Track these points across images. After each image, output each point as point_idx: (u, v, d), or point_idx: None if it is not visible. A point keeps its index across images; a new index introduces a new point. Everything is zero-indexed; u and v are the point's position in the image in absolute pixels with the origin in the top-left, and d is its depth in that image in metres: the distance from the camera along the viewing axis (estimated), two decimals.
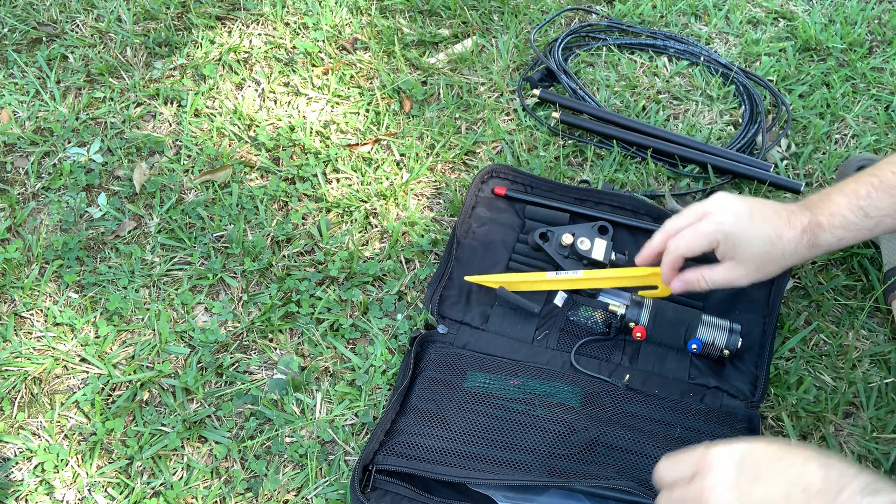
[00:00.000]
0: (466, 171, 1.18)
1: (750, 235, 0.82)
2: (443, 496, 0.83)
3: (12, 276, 1.07)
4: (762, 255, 0.82)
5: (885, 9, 1.39)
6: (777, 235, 0.81)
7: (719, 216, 0.83)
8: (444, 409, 0.88)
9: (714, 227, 0.83)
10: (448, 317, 1.01)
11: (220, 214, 1.13)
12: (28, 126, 1.24)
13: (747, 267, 0.84)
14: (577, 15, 1.40)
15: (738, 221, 0.82)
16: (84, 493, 0.90)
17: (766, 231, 0.82)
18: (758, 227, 0.82)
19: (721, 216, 0.83)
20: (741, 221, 0.82)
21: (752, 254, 0.83)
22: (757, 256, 0.83)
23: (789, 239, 0.82)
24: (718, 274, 0.86)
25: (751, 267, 0.84)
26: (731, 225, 0.82)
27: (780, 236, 0.81)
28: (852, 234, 0.82)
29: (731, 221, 0.82)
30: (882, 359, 0.98)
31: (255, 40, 1.36)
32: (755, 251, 0.82)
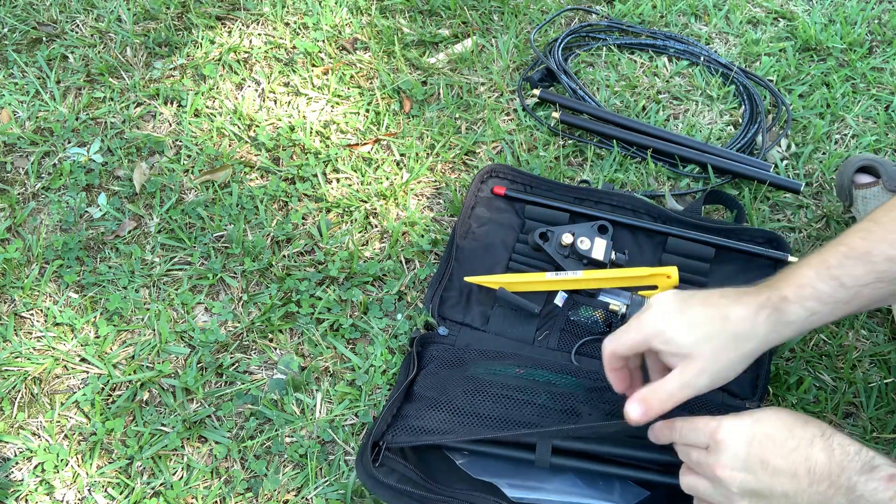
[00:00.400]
0: (466, 171, 1.18)
1: (683, 322, 0.70)
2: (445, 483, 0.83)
3: (12, 276, 1.07)
4: (706, 341, 0.69)
5: (885, 9, 1.39)
6: (721, 316, 0.69)
7: (649, 313, 0.73)
8: (450, 395, 0.88)
9: (641, 323, 0.73)
10: (448, 318, 1.01)
11: (220, 214, 1.13)
12: (28, 126, 1.24)
13: (698, 362, 0.69)
14: (577, 15, 1.40)
15: (667, 312, 0.71)
16: (84, 493, 0.90)
17: (705, 313, 0.70)
18: (693, 311, 0.71)
19: (650, 312, 0.73)
20: (670, 311, 0.71)
21: (694, 342, 0.69)
22: (701, 343, 0.69)
23: (739, 317, 0.69)
24: (671, 380, 0.70)
25: (702, 361, 0.69)
26: (660, 318, 0.71)
27: (725, 317, 0.69)
28: (828, 307, 0.69)
29: (660, 313, 0.72)
30: (882, 359, 0.98)
31: (255, 40, 1.36)
32: (697, 338, 0.69)
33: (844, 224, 1.10)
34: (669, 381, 0.70)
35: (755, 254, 1.03)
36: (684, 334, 0.70)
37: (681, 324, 0.70)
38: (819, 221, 1.12)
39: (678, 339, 0.70)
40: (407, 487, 0.81)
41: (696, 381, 0.70)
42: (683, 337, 0.70)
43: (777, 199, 1.13)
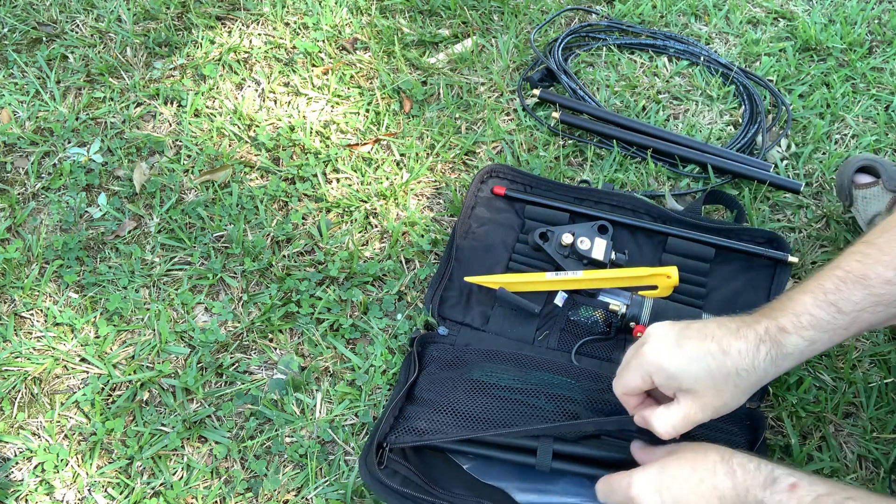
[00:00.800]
0: (466, 171, 1.18)
1: (683, 357, 0.70)
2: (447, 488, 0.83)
3: (12, 276, 1.07)
4: (707, 377, 0.69)
5: (885, 9, 1.39)
6: (721, 351, 0.69)
7: (647, 347, 0.73)
8: (451, 397, 0.88)
9: (640, 359, 0.73)
10: (448, 318, 1.01)
11: (220, 214, 1.13)
12: (28, 126, 1.24)
13: (700, 398, 0.70)
14: (577, 15, 1.40)
15: (665, 347, 0.71)
16: (84, 493, 0.90)
17: (704, 349, 0.69)
18: (692, 347, 0.70)
19: (649, 346, 0.73)
20: (669, 347, 0.71)
21: (696, 377, 0.69)
22: (703, 379, 0.69)
23: (739, 352, 0.68)
24: (672, 412, 0.71)
25: (704, 397, 0.70)
26: (659, 354, 0.71)
27: (725, 351, 0.69)
28: (826, 335, 0.68)
29: (658, 349, 0.71)
30: (882, 359, 0.98)
31: (255, 40, 1.36)
32: (698, 373, 0.69)
33: (844, 224, 1.10)
34: (672, 415, 0.72)
35: (755, 254, 1.03)
36: (686, 369, 0.70)
37: (681, 358, 0.70)
38: (819, 221, 1.12)
39: (679, 375, 0.70)
40: (409, 490, 0.81)
41: (699, 415, 0.71)
42: (684, 372, 0.70)
43: (777, 199, 1.13)
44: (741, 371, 0.69)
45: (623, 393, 0.76)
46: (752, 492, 0.65)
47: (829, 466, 0.90)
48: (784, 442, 0.92)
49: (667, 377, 0.71)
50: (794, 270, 1.06)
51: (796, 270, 1.06)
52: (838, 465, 0.90)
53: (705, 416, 0.71)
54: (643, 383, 0.73)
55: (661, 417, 0.72)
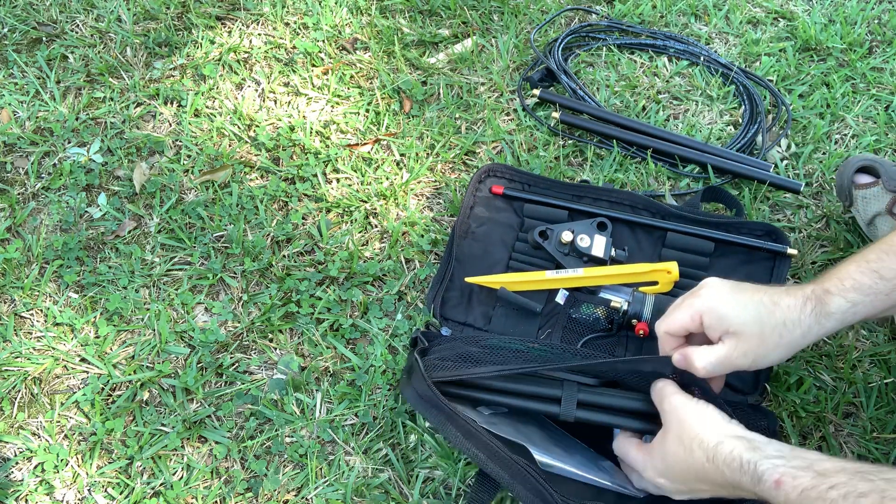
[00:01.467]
0: (466, 171, 1.18)
1: (737, 303, 0.75)
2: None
3: (12, 276, 1.07)
4: (756, 321, 0.74)
5: (885, 9, 1.39)
6: (772, 302, 0.74)
7: (704, 291, 0.78)
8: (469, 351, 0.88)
9: (693, 299, 0.78)
10: (451, 318, 1.01)
11: (220, 214, 1.13)
12: (28, 126, 1.24)
13: (745, 342, 0.74)
14: (577, 15, 1.40)
15: (720, 292, 0.76)
16: (84, 493, 0.90)
17: (757, 298, 0.75)
18: (746, 295, 0.76)
19: (705, 290, 0.78)
20: (724, 293, 0.76)
21: (745, 322, 0.74)
22: (751, 324, 0.74)
23: (788, 305, 0.74)
24: (715, 353, 0.76)
25: (750, 341, 0.74)
26: (713, 296, 0.76)
27: (775, 303, 0.74)
28: (868, 298, 0.73)
29: (713, 293, 0.77)
30: (882, 359, 0.98)
31: (255, 40, 1.36)
32: (747, 318, 0.74)
33: (844, 224, 1.10)
34: (713, 354, 0.75)
35: (754, 247, 1.03)
36: (737, 313, 0.74)
37: (734, 303, 0.75)
38: (819, 221, 1.12)
39: (730, 317, 0.74)
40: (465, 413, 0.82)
41: (739, 360, 0.75)
42: (736, 315, 0.74)
43: (777, 199, 1.13)
44: (788, 323, 0.73)
45: (666, 331, 0.80)
46: (742, 486, 0.68)
47: None
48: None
49: (717, 318, 0.75)
50: (794, 270, 1.06)
51: (796, 270, 1.06)
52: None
53: (745, 363, 0.74)
54: (692, 322, 0.77)
55: (703, 354, 0.76)
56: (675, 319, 0.79)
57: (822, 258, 1.07)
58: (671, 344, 0.81)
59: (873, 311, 0.75)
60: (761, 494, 0.66)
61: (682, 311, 0.78)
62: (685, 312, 0.78)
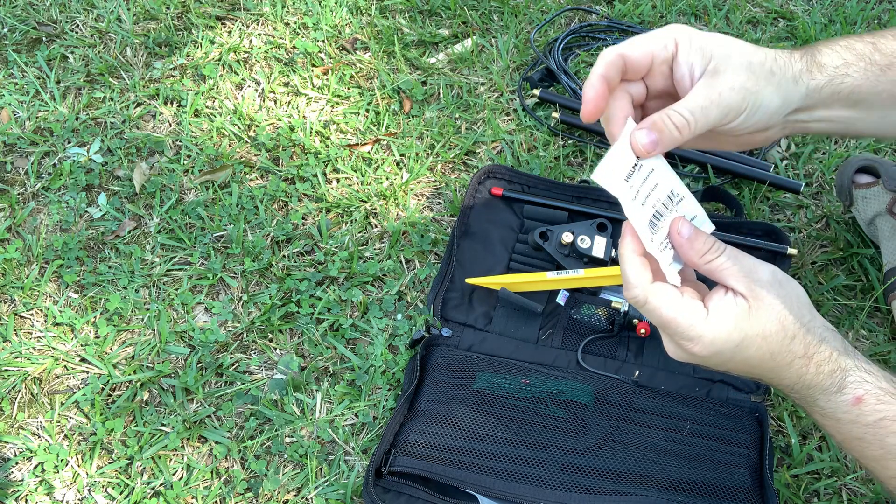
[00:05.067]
0: (466, 171, 1.18)
1: (715, 36, 0.58)
2: (458, 497, 0.83)
3: (12, 276, 1.07)
4: (741, 55, 0.58)
5: (885, 9, 1.39)
6: (756, 48, 0.59)
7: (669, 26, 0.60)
8: (455, 411, 0.88)
9: (666, 28, 0.59)
10: (451, 319, 1.01)
11: (220, 214, 1.13)
12: (28, 126, 1.24)
13: (729, 74, 0.57)
14: (577, 15, 1.40)
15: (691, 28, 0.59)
16: (84, 493, 0.90)
17: (736, 40, 0.59)
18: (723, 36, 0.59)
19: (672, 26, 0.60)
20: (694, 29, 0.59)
21: (730, 53, 0.57)
22: (736, 56, 0.57)
23: (777, 54, 0.60)
24: (693, 97, 0.57)
25: (738, 72, 0.57)
26: (686, 28, 0.59)
27: (761, 49, 0.59)
28: (861, 63, 0.61)
29: (684, 27, 0.59)
30: (882, 359, 0.98)
31: (255, 40, 1.36)
32: (732, 49, 0.58)
33: (844, 224, 1.10)
34: (691, 98, 0.57)
35: (754, 247, 1.03)
36: (719, 42, 0.58)
37: (713, 35, 0.58)
38: (819, 221, 1.12)
39: (712, 46, 0.57)
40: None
41: (728, 97, 0.57)
42: (719, 45, 0.57)
43: (777, 199, 1.13)
44: (778, 59, 0.59)
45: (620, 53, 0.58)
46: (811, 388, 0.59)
47: (830, 466, 0.90)
48: (784, 442, 0.92)
49: (698, 47, 0.57)
50: (794, 270, 1.06)
51: (796, 270, 1.06)
52: (838, 465, 0.90)
53: (734, 102, 0.57)
54: (662, 50, 0.58)
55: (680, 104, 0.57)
56: (641, 42, 0.58)
57: (822, 258, 1.07)
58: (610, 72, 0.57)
59: (866, 85, 0.62)
60: (827, 404, 0.58)
61: (651, 36, 0.58)
62: (656, 37, 0.58)
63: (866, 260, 1.06)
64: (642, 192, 0.58)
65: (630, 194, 0.57)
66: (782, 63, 0.59)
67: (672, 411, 0.90)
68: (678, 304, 0.58)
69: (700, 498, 0.81)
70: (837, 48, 0.62)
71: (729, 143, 0.63)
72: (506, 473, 0.83)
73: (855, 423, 0.58)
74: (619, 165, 0.57)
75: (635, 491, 0.81)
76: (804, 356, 0.58)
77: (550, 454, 0.84)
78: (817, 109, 0.62)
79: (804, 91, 0.60)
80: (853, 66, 0.62)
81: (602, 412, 0.88)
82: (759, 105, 0.58)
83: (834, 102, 0.62)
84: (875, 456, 0.59)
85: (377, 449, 0.86)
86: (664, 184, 0.59)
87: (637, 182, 0.58)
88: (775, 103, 0.59)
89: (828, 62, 0.61)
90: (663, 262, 0.59)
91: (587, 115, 0.58)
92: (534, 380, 0.91)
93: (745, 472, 0.85)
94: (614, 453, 0.84)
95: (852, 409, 0.57)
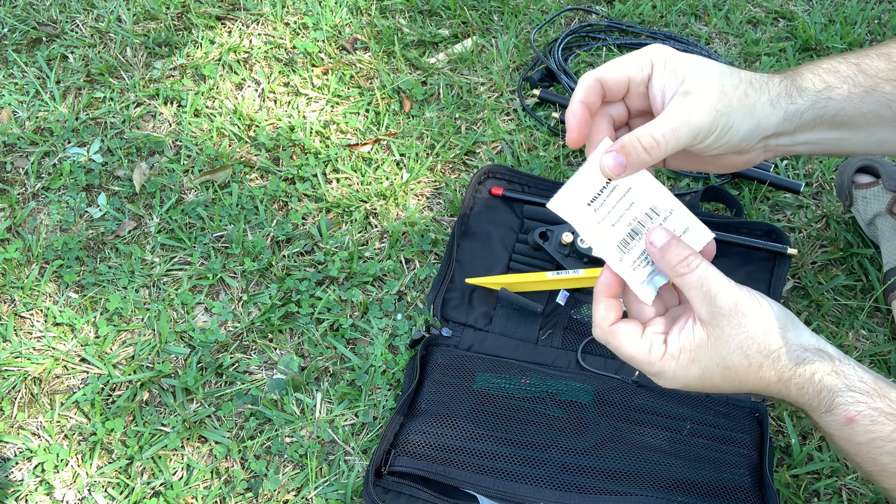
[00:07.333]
0: (466, 171, 1.18)
1: (692, 58, 0.58)
2: (458, 497, 0.83)
3: (12, 276, 1.07)
4: (718, 75, 0.58)
5: (885, 9, 1.39)
6: (732, 69, 0.59)
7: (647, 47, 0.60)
8: (455, 411, 0.88)
9: (639, 51, 0.59)
10: (451, 319, 1.01)
11: (220, 214, 1.13)
12: (28, 126, 1.24)
13: (705, 94, 0.56)
14: (577, 15, 1.40)
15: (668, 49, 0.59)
16: (84, 493, 0.90)
17: (717, 64, 0.59)
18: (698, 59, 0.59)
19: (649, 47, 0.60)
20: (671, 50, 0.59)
21: (705, 75, 0.57)
22: (711, 78, 0.57)
23: (753, 77, 0.60)
24: (663, 118, 0.57)
25: (710, 94, 0.57)
26: (663, 48, 0.59)
27: (736, 71, 0.59)
28: (845, 85, 0.61)
29: (661, 47, 0.59)
30: (882, 359, 0.98)
31: (255, 40, 1.36)
32: (707, 72, 0.57)
33: (844, 224, 1.10)
34: (661, 120, 0.57)
35: (754, 247, 1.03)
36: (695, 65, 0.57)
37: (690, 58, 0.58)
38: (819, 221, 1.12)
39: (687, 68, 0.57)
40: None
41: (697, 118, 0.56)
42: (694, 68, 0.57)
43: (777, 199, 1.13)
44: (754, 83, 0.59)
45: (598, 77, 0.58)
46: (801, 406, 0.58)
47: (830, 466, 0.90)
48: (784, 442, 0.92)
49: (672, 69, 0.57)
50: (794, 270, 1.06)
51: (796, 270, 1.06)
52: (838, 465, 0.90)
53: (705, 121, 0.56)
54: (638, 72, 0.58)
55: (651, 124, 0.57)
56: (617, 65, 0.58)
57: (822, 258, 1.07)
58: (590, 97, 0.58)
59: (850, 107, 0.61)
60: (819, 421, 0.57)
61: (627, 58, 0.58)
62: (632, 59, 0.58)
63: (866, 260, 1.06)
64: (615, 212, 0.58)
65: (594, 218, 0.58)
66: (758, 86, 0.59)
67: (672, 411, 0.90)
68: (635, 345, 0.58)
69: (700, 498, 0.81)
70: (819, 71, 0.62)
71: (709, 165, 0.64)
72: (506, 473, 0.83)
73: (847, 441, 0.57)
74: (581, 191, 0.58)
75: (635, 491, 0.81)
76: (779, 381, 0.57)
77: (550, 454, 0.84)
78: (799, 133, 0.62)
79: (782, 115, 0.60)
80: (836, 88, 0.61)
81: (602, 412, 0.88)
82: (728, 126, 0.58)
83: (818, 126, 0.62)
84: (870, 471, 0.59)
85: (377, 449, 0.86)
86: (643, 200, 0.58)
87: (609, 203, 0.58)
88: (747, 126, 0.59)
89: (809, 86, 0.61)
90: (634, 281, 0.59)
91: (573, 142, 0.59)
92: (534, 380, 0.91)
93: (745, 472, 0.85)
94: (614, 453, 0.84)
95: (844, 428, 0.56)
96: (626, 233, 0.59)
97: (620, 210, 0.58)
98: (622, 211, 0.59)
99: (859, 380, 0.57)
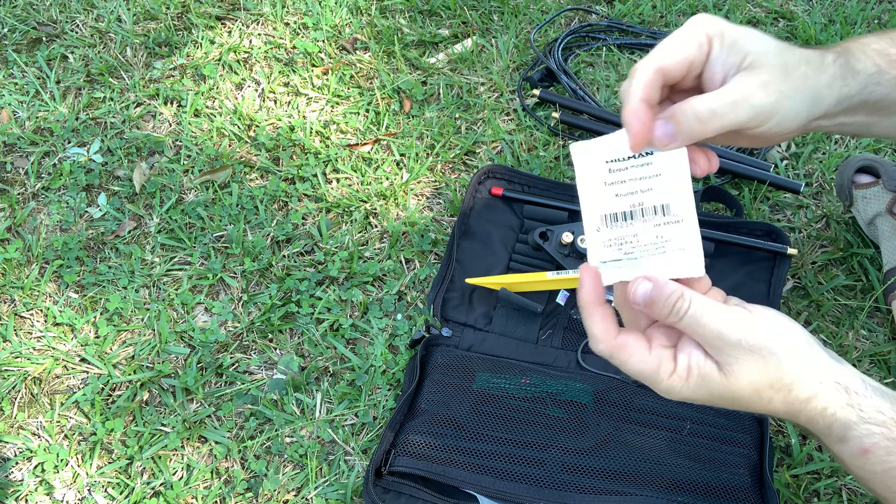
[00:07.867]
0: (466, 171, 1.18)
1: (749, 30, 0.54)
2: (458, 497, 0.83)
3: (12, 276, 1.07)
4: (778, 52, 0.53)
5: (885, 9, 1.39)
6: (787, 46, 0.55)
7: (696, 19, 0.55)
8: (455, 411, 0.88)
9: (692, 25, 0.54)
10: (451, 319, 1.01)
11: (220, 214, 1.13)
12: (28, 126, 1.24)
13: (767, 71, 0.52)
14: (577, 15, 1.40)
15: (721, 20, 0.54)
16: (84, 493, 0.90)
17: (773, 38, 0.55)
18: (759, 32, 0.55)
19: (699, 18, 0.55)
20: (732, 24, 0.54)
21: (766, 50, 0.53)
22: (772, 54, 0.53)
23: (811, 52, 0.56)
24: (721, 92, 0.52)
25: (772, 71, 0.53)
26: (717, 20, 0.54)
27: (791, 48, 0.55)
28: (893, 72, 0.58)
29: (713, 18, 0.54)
30: (882, 359, 0.98)
31: (255, 40, 1.36)
32: (768, 46, 0.53)
33: (844, 224, 1.10)
34: (721, 91, 0.52)
35: (754, 247, 1.03)
36: (755, 38, 0.53)
37: (747, 30, 0.54)
38: (819, 221, 1.12)
39: (747, 42, 0.53)
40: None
41: (760, 96, 0.52)
42: (754, 41, 0.53)
43: (777, 199, 1.13)
44: (812, 62, 0.55)
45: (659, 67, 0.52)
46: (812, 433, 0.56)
47: (830, 466, 0.90)
48: (784, 442, 0.92)
49: (731, 42, 0.53)
50: (794, 269, 1.06)
51: (796, 270, 1.06)
52: (838, 466, 0.90)
53: (766, 101, 0.52)
54: (698, 51, 0.53)
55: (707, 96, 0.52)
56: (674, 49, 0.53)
57: (822, 258, 1.07)
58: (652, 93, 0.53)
59: (894, 93, 0.58)
60: (832, 448, 0.55)
61: (680, 39, 0.53)
62: (685, 38, 0.53)
63: (866, 260, 1.06)
64: (627, 186, 0.53)
65: (602, 178, 0.53)
66: (815, 66, 0.56)
67: (672, 411, 0.90)
68: (643, 361, 0.55)
69: (700, 498, 0.81)
70: (871, 53, 0.58)
71: (742, 140, 0.59)
72: (506, 473, 0.83)
73: (862, 469, 0.55)
74: (610, 148, 0.53)
75: (635, 491, 0.81)
76: (788, 412, 0.55)
77: (550, 454, 0.84)
78: (840, 116, 0.59)
79: (835, 98, 0.57)
80: (886, 73, 0.58)
81: (602, 412, 0.88)
82: (790, 110, 0.54)
83: (860, 110, 0.59)
84: (885, 496, 0.57)
85: (377, 449, 0.86)
86: (663, 193, 0.53)
87: (629, 174, 0.53)
88: (807, 111, 0.56)
89: (862, 68, 0.58)
90: (596, 258, 0.55)
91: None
92: (534, 380, 0.91)
93: (745, 472, 0.85)
94: (614, 453, 0.84)
95: (858, 458, 0.54)
96: (623, 210, 0.54)
97: (634, 186, 0.53)
98: (635, 188, 0.53)
99: (876, 410, 0.54)
